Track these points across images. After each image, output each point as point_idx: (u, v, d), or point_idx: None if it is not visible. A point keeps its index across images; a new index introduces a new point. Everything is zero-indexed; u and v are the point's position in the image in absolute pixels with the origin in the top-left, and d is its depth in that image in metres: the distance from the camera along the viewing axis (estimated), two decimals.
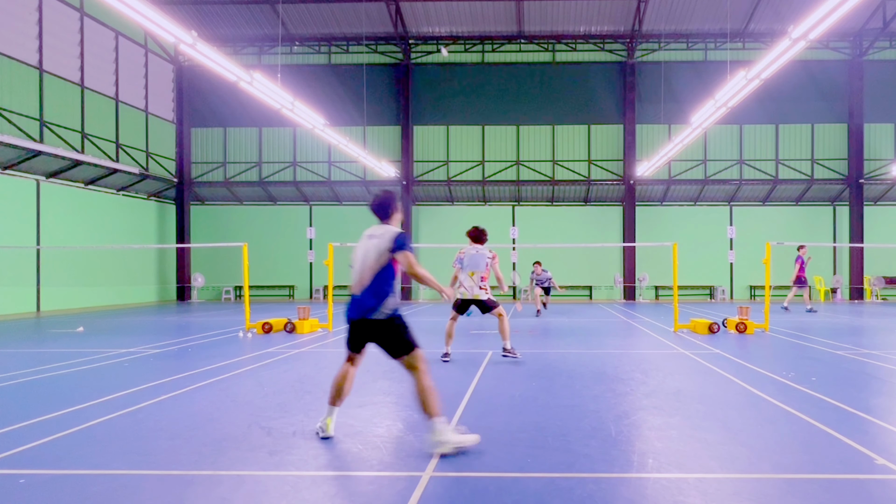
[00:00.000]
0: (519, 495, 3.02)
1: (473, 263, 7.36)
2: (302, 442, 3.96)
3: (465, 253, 7.46)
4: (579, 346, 8.94)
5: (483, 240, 7.53)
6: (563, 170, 22.77)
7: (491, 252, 7.44)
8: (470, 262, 7.38)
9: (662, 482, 3.20)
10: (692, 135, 16.05)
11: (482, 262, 7.35)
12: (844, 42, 22.02)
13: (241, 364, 7.25)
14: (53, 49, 16.92)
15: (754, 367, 6.91)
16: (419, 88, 22.90)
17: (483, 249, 7.43)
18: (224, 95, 22.44)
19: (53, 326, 12.26)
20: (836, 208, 22.88)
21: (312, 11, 21.34)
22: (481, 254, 7.38)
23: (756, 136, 22.59)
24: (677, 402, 5.14)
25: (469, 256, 7.40)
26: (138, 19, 7.99)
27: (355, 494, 3.06)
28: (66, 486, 3.19)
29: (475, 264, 7.36)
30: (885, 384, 5.97)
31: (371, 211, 4.26)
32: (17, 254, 15.78)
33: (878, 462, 3.52)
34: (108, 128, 19.21)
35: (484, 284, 7.34)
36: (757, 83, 11.29)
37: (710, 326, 10.32)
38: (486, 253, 7.40)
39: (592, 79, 22.62)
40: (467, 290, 7.32)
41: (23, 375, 6.50)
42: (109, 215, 19.56)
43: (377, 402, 5.19)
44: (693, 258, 21.89)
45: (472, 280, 7.31)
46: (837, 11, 7.94)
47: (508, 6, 20.93)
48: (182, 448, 3.86)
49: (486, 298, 7.32)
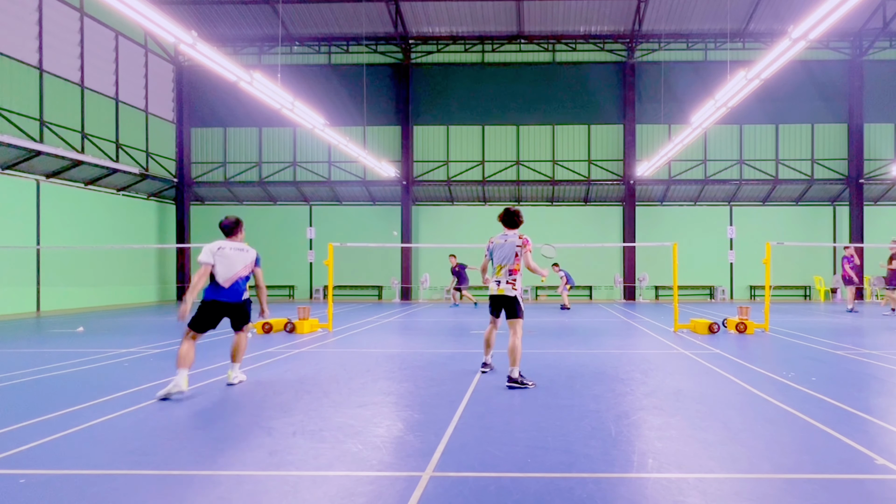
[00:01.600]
0: (519, 495, 3.02)
1: (501, 256, 6.12)
2: (302, 442, 3.96)
3: (493, 242, 6.26)
4: (579, 346, 8.94)
5: (515, 223, 6.21)
6: (563, 170, 22.77)
7: (521, 238, 6.11)
8: (498, 253, 6.16)
9: (662, 482, 3.20)
10: (692, 135, 16.05)
11: (511, 253, 6.07)
12: (844, 42, 22.02)
13: (242, 364, 7.24)
14: (53, 49, 16.92)
15: (754, 367, 6.91)
16: (419, 88, 22.90)
17: (513, 237, 6.11)
18: (224, 95, 22.44)
19: (53, 326, 12.26)
20: (836, 208, 22.88)
21: (312, 11, 21.34)
22: (511, 242, 6.09)
23: (756, 136, 22.59)
24: (677, 402, 5.14)
25: (498, 247, 6.17)
26: (138, 19, 7.98)
27: (355, 494, 3.06)
28: (66, 486, 3.19)
29: (503, 256, 6.11)
30: (885, 384, 5.97)
31: (222, 228, 6.09)
32: (17, 254, 15.78)
33: (878, 462, 3.52)
34: (108, 128, 19.21)
35: (513, 279, 6.06)
36: (757, 83, 11.29)
37: (710, 326, 10.32)
38: (516, 241, 6.08)
39: (592, 79, 22.62)
40: (493, 285, 6.17)
41: (23, 375, 6.50)
42: (109, 215, 19.56)
43: (377, 402, 5.19)
44: (693, 258, 21.90)
45: (501, 274, 6.09)
46: (837, 11, 7.94)
47: (508, 6, 20.93)
48: (182, 448, 3.86)
49: (513, 296, 6.04)
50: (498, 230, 6.37)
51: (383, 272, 22.96)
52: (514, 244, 6.09)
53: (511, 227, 6.22)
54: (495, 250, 6.21)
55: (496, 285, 6.14)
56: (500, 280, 6.11)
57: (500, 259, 6.14)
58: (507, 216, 6.24)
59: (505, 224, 6.26)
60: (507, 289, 6.06)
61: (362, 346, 9.14)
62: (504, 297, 6.08)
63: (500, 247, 6.17)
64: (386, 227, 23.24)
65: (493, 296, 6.19)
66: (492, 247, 6.28)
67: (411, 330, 11.56)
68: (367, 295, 23.43)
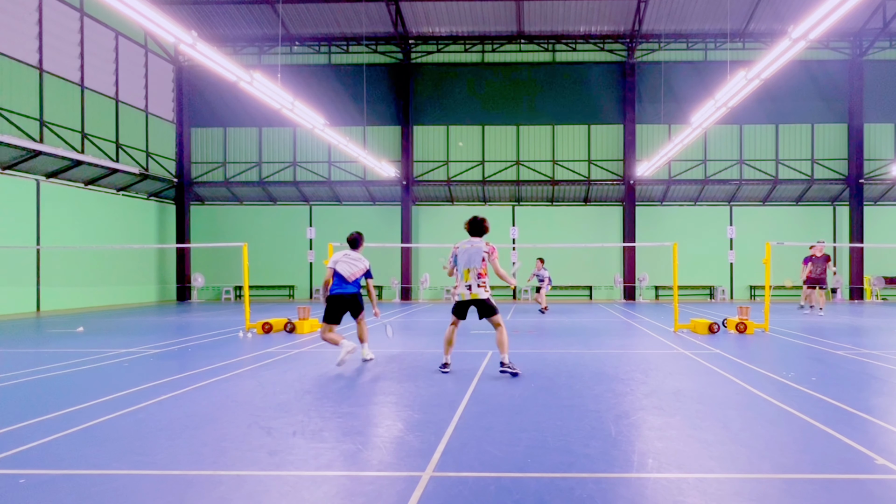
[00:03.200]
0: (519, 495, 3.02)
1: (467, 259, 6.42)
2: (302, 442, 3.96)
3: (458, 248, 6.54)
4: (579, 346, 8.94)
5: (481, 231, 6.55)
6: (563, 170, 22.77)
7: (488, 245, 6.45)
8: (464, 257, 6.45)
9: (662, 482, 3.20)
10: (692, 135, 16.05)
11: (477, 256, 6.38)
12: (844, 42, 22.02)
13: (241, 364, 7.25)
14: (53, 49, 16.92)
15: (754, 367, 6.91)
16: (419, 88, 22.91)
17: (479, 243, 6.46)
18: (224, 95, 22.45)
19: (53, 326, 12.26)
20: (836, 208, 22.88)
21: (312, 11, 21.34)
22: (477, 248, 6.41)
23: (756, 136, 22.59)
24: (677, 402, 5.14)
25: (463, 251, 6.47)
26: (138, 19, 7.98)
27: (355, 494, 3.06)
28: (66, 486, 3.18)
29: (469, 260, 6.41)
30: (885, 384, 5.97)
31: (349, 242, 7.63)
32: (17, 254, 15.78)
33: (878, 462, 3.52)
34: (108, 128, 19.22)
35: (483, 282, 6.39)
36: (757, 83, 11.29)
37: (710, 326, 10.32)
38: (483, 246, 6.41)
39: (592, 79, 22.62)
40: (464, 291, 6.43)
41: (23, 375, 6.50)
42: (109, 215, 19.57)
43: (377, 402, 5.19)
44: (693, 258, 21.91)
45: (470, 278, 6.38)
46: (837, 11, 7.94)
47: (508, 6, 20.93)
48: (182, 448, 3.86)
49: (485, 297, 6.41)
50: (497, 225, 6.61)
51: (383, 272, 22.95)
52: (480, 249, 6.40)
53: (477, 235, 6.56)
54: (460, 255, 6.48)
55: (467, 290, 6.41)
56: (470, 284, 6.39)
57: (466, 263, 6.42)
58: (475, 224, 6.58)
59: (471, 232, 6.58)
60: (479, 292, 6.39)
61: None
62: (477, 300, 6.41)
63: (466, 251, 6.45)
64: (386, 227, 23.26)
65: (465, 301, 6.45)
66: (457, 252, 6.54)
67: (411, 330, 11.56)
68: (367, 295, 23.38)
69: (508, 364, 6.41)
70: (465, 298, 6.44)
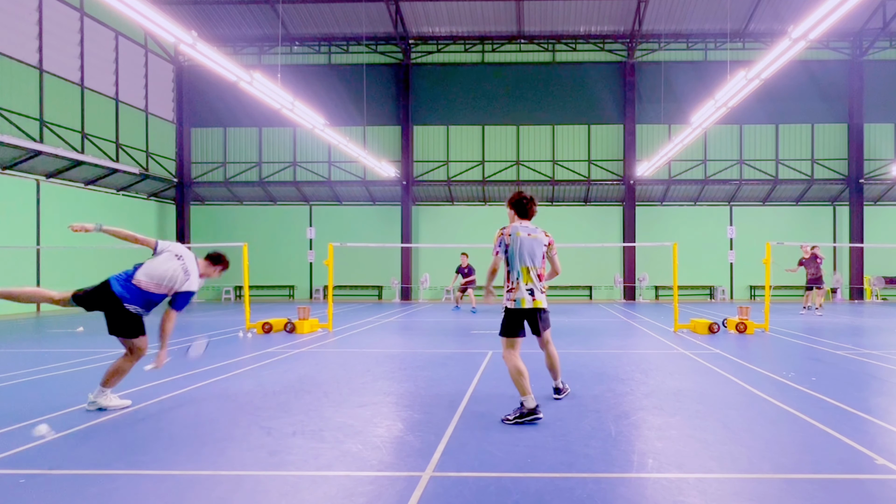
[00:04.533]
0: (519, 495, 3.02)
1: (530, 252, 4.61)
2: (302, 442, 3.96)
3: (509, 234, 4.62)
4: (579, 346, 8.93)
5: (529, 215, 4.78)
6: (563, 170, 22.77)
7: (547, 235, 4.80)
8: (524, 249, 4.59)
9: (662, 482, 3.20)
10: (692, 135, 16.06)
11: (539, 251, 4.67)
12: (844, 42, 22.02)
13: (241, 364, 7.25)
14: (53, 49, 16.92)
15: (754, 367, 6.91)
16: (419, 88, 22.90)
17: (538, 232, 4.71)
18: (224, 95, 22.44)
19: (53, 326, 12.26)
20: (836, 208, 22.88)
21: (312, 11, 21.34)
22: (538, 238, 4.68)
23: (756, 136, 22.59)
24: (677, 402, 5.14)
25: (520, 241, 4.59)
26: (138, 19, 7.98)
27: (355, 494, 3.06)
28: (66, 486, 3.19)
29: (532, 254, 4.62)
30: (885, 384, 5.97)
31: None
32: (17, 254, 15.78)
33: (878, 462, 3.52)
34: (108, 128, 19.21)
35: (544, 287, 4.71)
36: (757, 83, 11.29)
37: (710, 326, 10.32)
38: (542, 237, 4.72)
39: (592, 79, 22.62)
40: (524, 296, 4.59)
41: (23, 375, 6.50)
42: (109, 215, 19.55)
43: (377, 402, 5.19)
44: (693, 258, 21.90)
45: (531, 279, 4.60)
46: (837, 11, 7.94)
47: (508, 6, 20.93)
48: (182, 448, 3.86)
49: (546, 307, 4.79)
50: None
51: (383, 272, 22.96)
52: (541, 240, 4.71)
53: (527, 218, 4.79)
54: (518, 246, 4.58)
55: (529, 295, 4.57)
56: (532, 288, 4.60)
57: (527, 259, 4.60)
58: (521, 205, 4.75)
59: (521, 214, 4.77)
60: (542, 299, 4.66)
61: (362, 346, 9.14)
62: (540, 309, 4.72)
63: (526, 242, 4.60)
64: (386, 227, 23.25)
65: (527, 309, 4.62)
66: (509, 241, 4.61)
67: (411, 330, 11.56)
68: (367, 295, 23.43)
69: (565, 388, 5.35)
70: (526, 307, 4.58)
